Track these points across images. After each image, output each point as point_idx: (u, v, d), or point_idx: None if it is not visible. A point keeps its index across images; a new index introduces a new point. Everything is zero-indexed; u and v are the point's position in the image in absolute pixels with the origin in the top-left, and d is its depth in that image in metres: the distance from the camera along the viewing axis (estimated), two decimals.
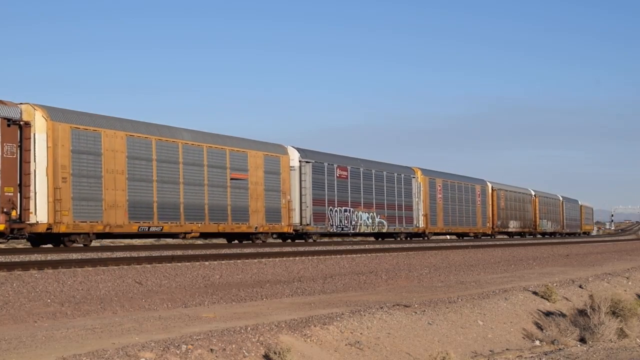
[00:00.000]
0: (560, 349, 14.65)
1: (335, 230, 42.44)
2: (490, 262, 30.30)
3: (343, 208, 43.47)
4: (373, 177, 47.42)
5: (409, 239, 51.85)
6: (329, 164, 42.48)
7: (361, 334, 12.59)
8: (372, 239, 51.03)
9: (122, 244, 35.38)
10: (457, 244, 44.84)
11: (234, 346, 10.42)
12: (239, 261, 21.83)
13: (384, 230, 48.03)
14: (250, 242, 36.25)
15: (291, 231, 39.00)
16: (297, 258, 24.41)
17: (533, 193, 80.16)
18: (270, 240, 38.40)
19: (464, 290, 18.76)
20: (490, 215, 66.67)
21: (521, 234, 75.32)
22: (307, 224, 39.85)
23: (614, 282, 23.96)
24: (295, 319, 12.55)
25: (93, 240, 29.38)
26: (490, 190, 67.12)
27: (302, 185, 40.06)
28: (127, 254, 22.88)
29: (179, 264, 20.07)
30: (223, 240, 39.88)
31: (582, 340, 15.72)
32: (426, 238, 53.46)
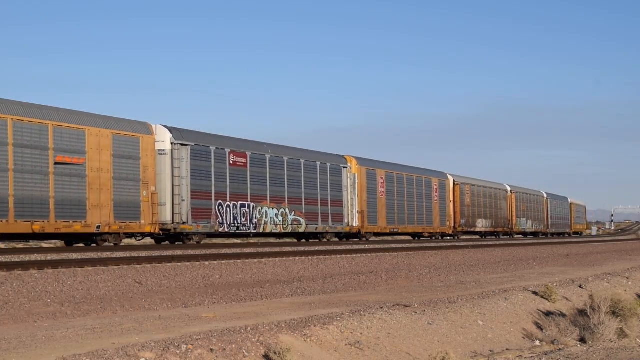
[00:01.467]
0: (560, 349, 14.65)
1: (227, 230, 34.78)
2: (490, 262, 30.31)
3: (240, 203, 35.45)
4: (285, 166, 39.10)
5: (345, 240, 44.38)
6: (217, 148, 34.51)
7: (361, 334, 12.60)
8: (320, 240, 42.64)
9: (122, 244, 35.36)
10: (457, 244, 44.81)
11: (234, 346, 10.43)
12: (239, 261, 21.83)
13: (301, 230, 40.00)
14: (95, 245, 29.45)
15: (157, 231, 31.34)
16: (297, 258, 24.41)
17: (509, 189, 72.45)
18: (133, 242, 32.68)
19: (464, 290, 18.76)
20: (452, 213, 58.24)
21: (494, 234, 68.00)
22: (183, 222, 32.10)
23: (614, 282, 23.96)
24: (295, 319, 12.55)
25: None
26: (451, 185, 58.72)
27: (176, 174, 32.02)
28: (127, 254, 22.88)
29: (179, 264, 20.08)
30: (223, 240, 39.83)
31: (582, 340, 15.72)
32: (364, 239, 45.23)
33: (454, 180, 59.23)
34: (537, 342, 15.67)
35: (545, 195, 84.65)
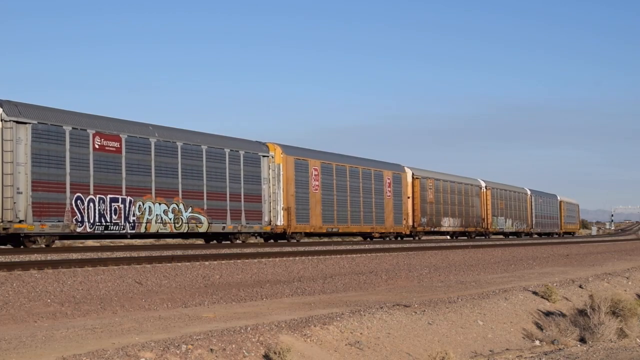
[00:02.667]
0: (560, 349, 14.66)
1: (90, 230, 28.27)
2: (490, 262, 30.31)
3: (110, 196, 29.17)
4: (179, 153, 32.40)
5: (273, 241, 38.64)
6: (75, 128, 27.85)
7: (361, 334, 12.60)
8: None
9: (122, 244, 35.34)
10: (457, 244, 44.81)
11: (234, 346, 10.43)
12: (239, 261, 21.84)
13: (202, 229, 33.43)
14: None
15: None
16: (297, 258, 24.41)
17: (483, 184, 65.70)
18: None
19: (464, 290, 18.77)
20: (410, 211, 51.53)
21: (465, 234, 61.64)
22: (19, 220, 25.52)
23: (614, 282, 23.97)
24: (295, 319, 12.55)
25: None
26: (409, 179, 52.20)
27: (7, 159, 25.30)
28: (127, 254, 22.88)
29: (179, 264, 20.08)
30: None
31: (582, 340, 15.73)
32: (293, 240, 38.94)
33: (413, 174, 52.60)
34: (537, 342, 15.68)
35: (528, 192, 78.35)
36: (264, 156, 37.62)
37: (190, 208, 32.72)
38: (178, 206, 32.13)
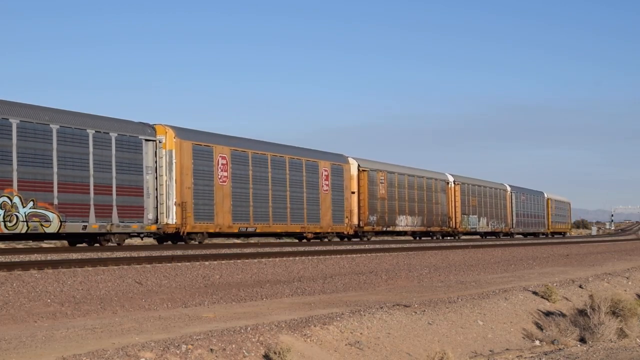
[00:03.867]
0: (560, 349, 14.66)
1: None
2: (490, 262, 30.32)
3: None
4: (14, 134, 25.75)
5: (170, 242, 33.09)
6: None
7: (361, 334, 12.60)
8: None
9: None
10: (457, 244, 44.80)
11: (234, 346, 10.43)
12: (239, 261, 21.84)
13: (52, 229, 27.03)
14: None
15: None
16: (297, 258, 24.42)
17: (451, 179, 59.21)
18: None
19: (464, 290, 18.77)
20: (355, 208, 45.26)
21: (429, 234, 55.44)
22: None
23: (614, 282, 23.97)
24: (295, 319, 12.55)
25: None
26: (354, 171, 45.72)
27: None
28: (127, 254, 22.88)
29: (179, 264, 20.08)
30: (223, 240, 39.86)
31: (582, 340, 15.73)
32: (192, 241, 32.90)
33: (359, 166, 46.28)
34: (537, 342, 15.68)
35: (508, 189, 72.15)
36: (147, 140, 30.94)
37: (32, 202, 26.18)
38: (11, 200, 25.46)
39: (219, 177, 34.51)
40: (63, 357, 8.95)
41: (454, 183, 59.43)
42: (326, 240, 42.01)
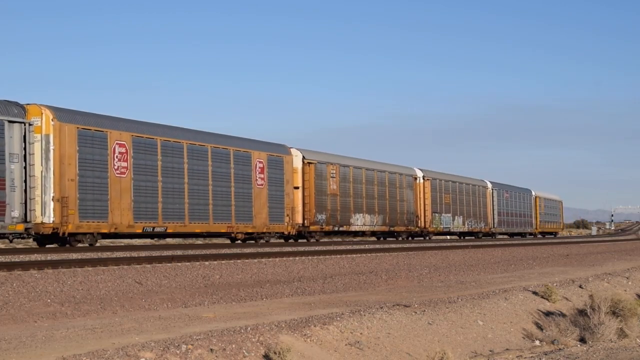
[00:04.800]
0: (560, 349, 14.66)
1: None
2: (490, 262, 30.32)
3: None
4: None
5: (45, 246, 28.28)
6: None
7: (361, 334, 12.60)
8: None
9: (122, 244, 35.32)
10: (457, 243, 44.78)
11: (234, 346, 10.43)
12: (239, 261, 21.84)
13: None
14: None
15: None
16: (297, 258, 24.42)
17: (420, 174, 54.19)
18: None
19: (463, 290, 18.77)
20: (299, 205, 40.46)
21: (393, 235, 50.75)
22: None
23: (614, 282, 23.97)
24: (295, 319, 12.55)
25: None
26: (298, 164, 40.67)
27: None
28: (127, 254, 22.89)
29: (179, 264, 20.08)
30: (224, 240, 39.84)
31: (582, 340, 15.73)
32: (79, 243, 28.00)
33: (303, 158, 41.03)
34: (537, 342, 15.68)
35: (489, 185, 67.08)
36: (12, 122, 25.73)
37: None
38: None
39: (116, 167, 29.21)
40: (63, 357, 8.94)
41: (423, 178, 54.42)
42: (263, 241, 37.24)
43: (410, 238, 52.34)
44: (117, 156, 29.30)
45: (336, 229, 43.81)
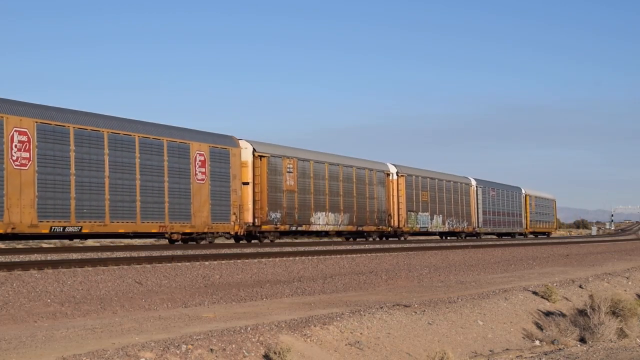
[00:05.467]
0: (560, 349, 14.66)
1: None
2: (490, 262, 30.32)
3: None
4: None
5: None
6: None
7: (361, 334, 12.60)
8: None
9: (122, 244, 35.30)
10: (457, 243, 44.78)
11: (234, 346, 10.43)
12: (239, 261, 21.85)
13: None
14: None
15: None
16: (297, 258, 24.42)
17: (393, 170, 50.23)
18: None
19: (464, 290, 18.77)
20: (249, 203, 36.49)
21: (362, 235, 46.94)
22: None
23: (614, 282, 23.97)
24: (295, 319, 12.55)
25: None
26: (248, 157, 36.58)
27: None
28: (127, 254, 22.89)
29: (179, 264, 20.09)
30: (225, 240, 39.83)
31: (582, 340, 15.73)
32: None
33: (254, 151, 37.08)
34: (537, 342, 15.68)
35: (473, 183, 62.82)
36: None
37: None
38: None
39: (15, 158, 25.51)
40: (63, 357, 8.94)
41: (397, 175, 50.39)
42: (205, 242, 33.90)
43: (384, 238, 49.02)
44: (15, 145, 25.64)
45: (294, 228, 39.66)
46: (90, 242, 36.49)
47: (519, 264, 29.69)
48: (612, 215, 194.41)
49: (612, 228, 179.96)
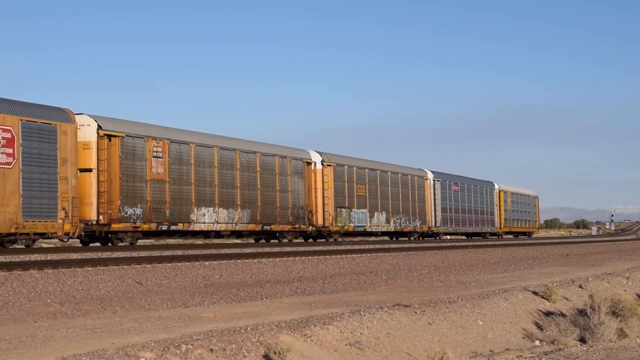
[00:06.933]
0: (560, 349, 14.66)
1: None
2: (490, 262, 30.32)
3: None
4: None
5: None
6: None
7: (361, 334, 12.60)
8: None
9: (122, 244, 35.27)
10: (457, 243, 44.78)
11: (234, 346, 10.43)
12: (239, 261, 21.85)
13: None
14: None
15: None
16: (297, 258, 24.43)
17: (317, 159, 42.51)
18: None
19: (464, 290, 18.77)
20: (92, 196, 29.05)
21: (271, 234, 39.55)
22: None
23: (614, 282, 23.97)
24: (295, 319, 12.55)
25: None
26: (91, 137, 29.16)
27: None
28: (127, 254, 22.89)
29: (179, 264, 20.09)
30: (226, 240, 39.83)
31: (582, 340, 15.73)
32: None
33: (100, 128, 29.44)
34: (537, 342, 15.68)
35: (429, 176, 55.41)
36: None
37: None
38: None
39: None
40: (63, 357, 8.94)
41: (322, 164, 42.71)
42: (16, 245, 26.22)
43: (311, 239, 42.27)
44: None
45: (164, 227, 32.00)
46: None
47: (519, 264, 29.69)
48: (612, 215, 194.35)
49: (612, 228, 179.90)
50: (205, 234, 35.60)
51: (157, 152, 31.75)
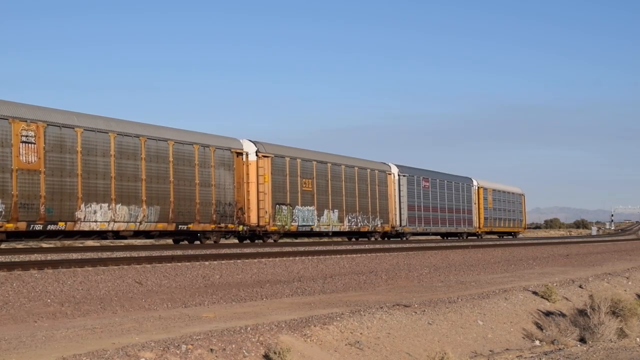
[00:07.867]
0: (560, 349, 14.65)
1: None
2: (490, 262, 30.32)
3: None
4: None
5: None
6: None
7: (361, 334, 12.60)
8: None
9: (122, 244, 35.29)
10: (457, 243, 44.77)
11: (234, 346, 10.43)
12: (239, 261, 21.85)
13: None
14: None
15: None
16: (297, 258, 24.43)
17: (250, 149, 37.70)
18: None
19: (464, 290, 18.77)
20: None
21: (189, 234, 34.78)
22: None
23: (614, 282, 23.97)
24: (295, 319, 12.55)
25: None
26: None
27: None
28: (127, 254, 22.90)
29: (179, 264, 20.09)
30: (225, 240, 39.83)
31: (582, 340, 15.73)
32: None
33: None
34: (537, 342, 15.68)
35: (393, 170, 50.72)
36: None
37: None
38: None
39: None
40: (63, 357, 8.95)
41: (257, 155, 37.70)
42: None
43: (217, 240, 35.93)
44: None
45: (38, 227, 26.68)
46: (90, 242, 36.46)
47: (519, 264, 29.69)
48: (612, 215, 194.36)
49: (612, 228, 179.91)
50: (100, 235, 30.13)
51: (27, 137, 26.50)
